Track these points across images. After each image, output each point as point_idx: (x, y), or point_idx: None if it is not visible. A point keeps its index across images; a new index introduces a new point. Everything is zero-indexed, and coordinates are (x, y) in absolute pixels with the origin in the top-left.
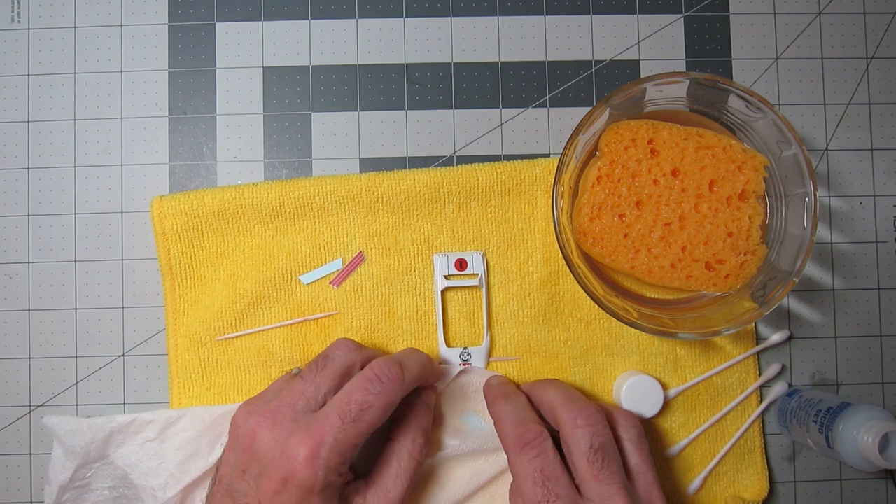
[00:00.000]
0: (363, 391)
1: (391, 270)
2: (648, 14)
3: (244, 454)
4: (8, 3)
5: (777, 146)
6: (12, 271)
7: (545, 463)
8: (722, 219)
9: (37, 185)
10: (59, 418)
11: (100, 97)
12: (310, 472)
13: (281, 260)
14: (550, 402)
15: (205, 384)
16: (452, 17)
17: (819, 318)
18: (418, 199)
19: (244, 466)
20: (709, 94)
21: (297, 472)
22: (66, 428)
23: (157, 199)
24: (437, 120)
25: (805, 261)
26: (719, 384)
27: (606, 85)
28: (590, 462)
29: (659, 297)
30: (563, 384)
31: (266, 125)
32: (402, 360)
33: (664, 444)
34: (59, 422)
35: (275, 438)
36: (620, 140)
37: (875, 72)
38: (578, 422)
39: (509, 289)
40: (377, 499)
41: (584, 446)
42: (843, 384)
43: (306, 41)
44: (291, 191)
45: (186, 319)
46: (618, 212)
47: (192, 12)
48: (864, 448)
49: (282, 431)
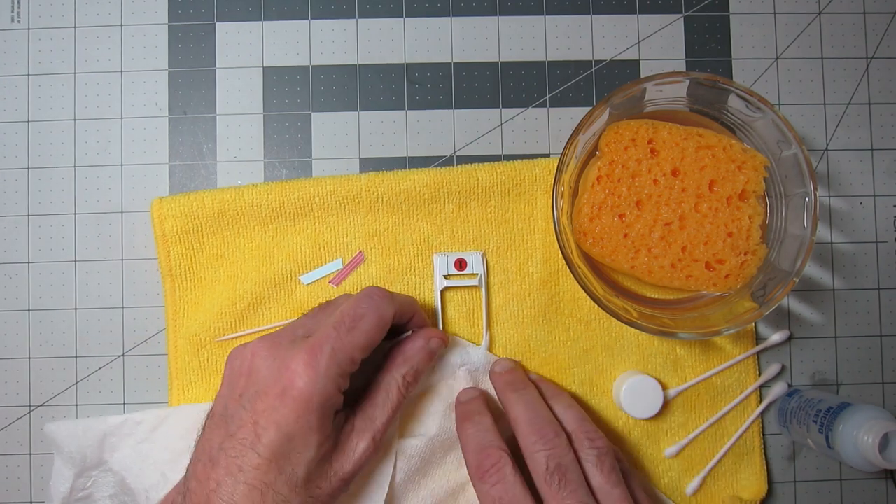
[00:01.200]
0: (354, 304)
1: (391, 270)
2: (648, 14)
3: (240, 379)
4: (8, 3)
5: (777, 146)
6: (12, 271)
7: (504, 490)
8: (722, 219)
9: (37, 185)
10: (57, 424)
11: (100, 97)
12: (308, 381)
13: (281, 260)
14: (514, 419)
15: (204, 386)
16: (452, 17)
17: (819, 318)
18: (418, 199)
19: (241, 391)
20: (709, 94)
21: (295, 381)
22: (63, 433)
23: (156, 200)
24: (437, 120)
25: (805, 261)
26: (719, 384)
27: (606, 85)
28: (547, 483)
29: (659, 297)
30: (530, 398)
31: (266, 125)
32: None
33: (663, 444)
34: (59, 427)
35: (273, 357)
36: (620, 140)
37: (875, 72)
38: (537, 446)
39: (509, 289)
40: (363, 424)
41: (541, 468)
42: (843, 384)
43: (306, 41)
44: (291, 191)
45: (186, 321)
46: (618, 212)
47: (192, 12)
48: (864, 448)
49: (280, 351)
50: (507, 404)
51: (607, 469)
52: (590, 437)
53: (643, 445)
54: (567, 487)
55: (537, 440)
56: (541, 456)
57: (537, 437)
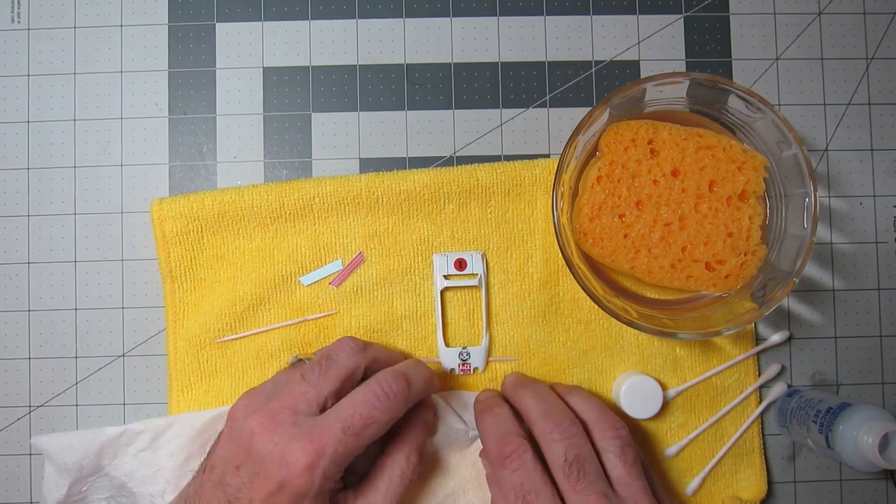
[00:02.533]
0: (369, 406)
1: (391, 271)
2: (648, 14)
3: (240, 451)
4: (8, 3)
5: (777, 146)
6: (12, 271)
7: (525, 476)
8: (722, 219)
9: (37, 185)
10: (48, 437)
11: (100, 97)
12: (307, 480)
13: (281, 261)
14: (528, 412)
15: (203, 387)
16: (452, 17)
17: (819, 319)
18: (418, 200)
19: (239, 462)
20: (709, 94)
21: (294, 479)
22: (56, 445)
23: (156, 201)
24: (437, 120)
25: (805, 261)
26: (719, 384)
27: (606, 85)
28: (566, 475)
29: (659, 297)
30: (541, 390)
31: (266, 125)
32: (408, 374)
33: (663, 444)
34: (49, 440)
35: (274, 441)
36: (620, 140)
37: (875, 72)
38: (554, 436)
39: (509, 289)
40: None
41: (559, 459)
42: (843, 384)
43: (306, 41)
44: (291, 192)
45: (186, 322)
46: (618, 212)
47: (192, 12)
48: (864, 448)
49: (282, 435)
50: (519, 400)
51: (630, 460)
52: (613, 426)
53: (643, 445)
54: (586, 479)
55: (553, 429)
56: (558, 446)
57: (553, 426)
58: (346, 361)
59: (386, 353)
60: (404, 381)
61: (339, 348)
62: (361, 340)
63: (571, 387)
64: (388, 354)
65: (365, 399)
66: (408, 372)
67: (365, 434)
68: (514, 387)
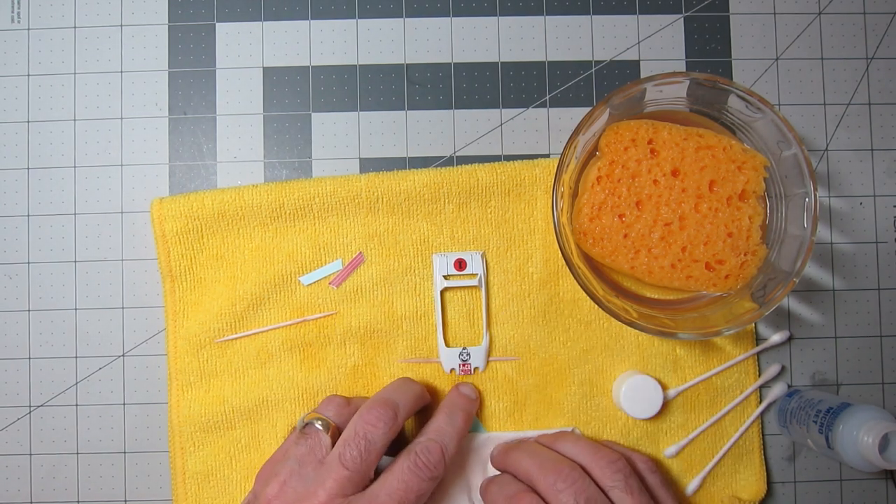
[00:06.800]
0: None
1: (391, 271)
2: (648, 14)
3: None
4: (8, 3)
5: (777, 146)
6: (12, 271)
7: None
8: (722, 219)
9: (37, 185)
10: None
11: (100, 97)
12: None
13: (281, 261)
14: (526, 472)
15: (203, 387)
16: (452, 18)
17: (819, 319)
18: (418, 200)
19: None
20: (709, 94)
21: None
22: None
23: (156, 201)
24: (437, 120)
25: (805, 261)
26: (719, 384)
27: (606, 85)
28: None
29: (659, 297)
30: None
31: (266, 125)
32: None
33: (663, 444)
34: None
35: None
36: (620, 140)
37: (875, 72)
38: (558, 486)
39: (509, 289)
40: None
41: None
42: (843, 384)
43: (306, 41)
44: (291, 192)
45: (186, 322)
46: (618, 212)
47: (192, 12)
48: (864, 448)
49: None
50: (513, 464)
51: (636, 490)
52: (611, 461)
53: (643, 445)
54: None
55: (556, 479)
56: (566, 495)
57: (555, 477)
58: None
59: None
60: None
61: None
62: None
63: (556, 434)
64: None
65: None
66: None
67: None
68: (503, 454)
